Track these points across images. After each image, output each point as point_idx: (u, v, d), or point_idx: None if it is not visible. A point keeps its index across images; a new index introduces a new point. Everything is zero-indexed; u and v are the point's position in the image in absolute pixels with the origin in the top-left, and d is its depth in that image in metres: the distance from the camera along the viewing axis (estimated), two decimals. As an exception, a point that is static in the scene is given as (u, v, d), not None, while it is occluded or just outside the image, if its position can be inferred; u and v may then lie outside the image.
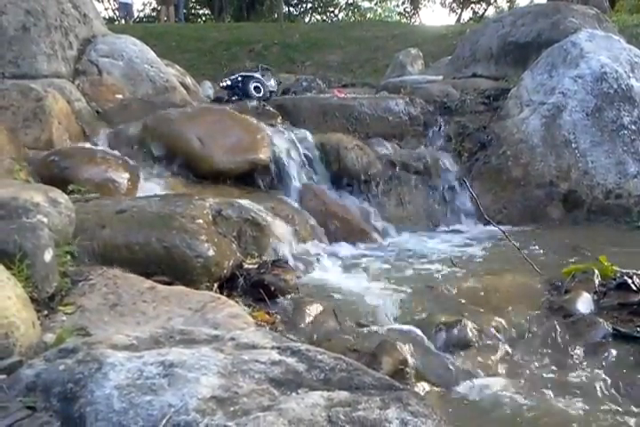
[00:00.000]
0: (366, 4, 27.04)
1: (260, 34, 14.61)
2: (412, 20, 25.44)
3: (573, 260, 3.47)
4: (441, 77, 7.07)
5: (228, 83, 6.12)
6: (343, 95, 5.79)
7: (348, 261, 3.81)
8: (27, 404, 1.32)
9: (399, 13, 26.96)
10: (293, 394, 1.27)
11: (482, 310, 2.80)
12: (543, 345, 2.59)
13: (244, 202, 3.57)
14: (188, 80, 6.81)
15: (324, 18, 25.92)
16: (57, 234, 2.29)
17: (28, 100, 4.05)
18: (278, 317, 2.71)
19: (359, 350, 2.34)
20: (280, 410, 1.19)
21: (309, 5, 26.06)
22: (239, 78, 6.05)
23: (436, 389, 2.26)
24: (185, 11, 19.81)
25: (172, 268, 2.74)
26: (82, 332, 1.97)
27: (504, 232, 3.77)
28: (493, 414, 2.11)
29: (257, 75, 6.21)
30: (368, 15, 26.73)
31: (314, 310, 2.79)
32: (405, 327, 2.63)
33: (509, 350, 2.54)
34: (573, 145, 4.92)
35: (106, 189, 3.64)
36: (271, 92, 6.30)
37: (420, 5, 25.95)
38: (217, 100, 6.34)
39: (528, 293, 3.04)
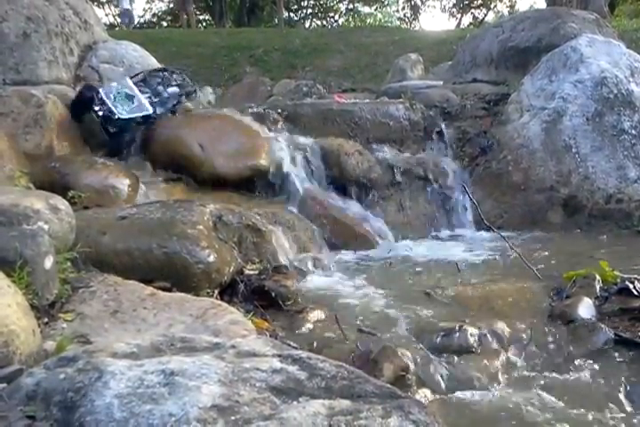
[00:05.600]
0: (366, 10, 27.15)
1: (260, 39, 14.63)
2: (412, 26, 25.51)
3: (574, 265, 3.47)
4: (441, 82, 7.07)
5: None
6: (343, 100, 5.79)
7: (348, 267, 3.81)
8: (27, 413, 1.31)
9: (399, 19, 27.04)
10: (294, 403, 1.27)
11: (482, 316, 2.79)
12: (544, 351, 2.58)
13: (245, 208, 3.57)
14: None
15: (324, 23, 26.02)
16: (57, 241, 2.29)
17: (29, 106, 4.05)
18: (279, 323, 2.70)
19: (360, 357, 2.33)
20: (281, 419, 1.18)
21: (309, 11, 26.16)
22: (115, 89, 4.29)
23: (437, 395, 2.26)
24: (186, 16, 19.89)
25: (172, 274, 2.75)
26: (82, 339, 1.96)
27: (504, 237, 3.76)
28: (495, 421, 2.11)
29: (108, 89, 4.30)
30: (368, 20, 26.81)
31: (314, 316, 2.79)
32: (406, 333, 2.62)
33: (510, 356, 2.53)
34: (574, 150, 4.92)
35: (106, 195, 3.65)
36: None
37: (419, 11, 26.03)
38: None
39: (529, 298, 3.04)
